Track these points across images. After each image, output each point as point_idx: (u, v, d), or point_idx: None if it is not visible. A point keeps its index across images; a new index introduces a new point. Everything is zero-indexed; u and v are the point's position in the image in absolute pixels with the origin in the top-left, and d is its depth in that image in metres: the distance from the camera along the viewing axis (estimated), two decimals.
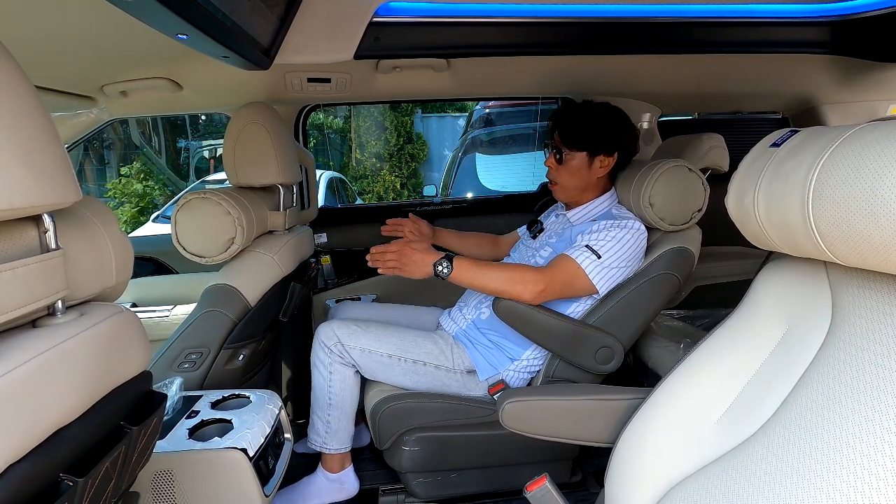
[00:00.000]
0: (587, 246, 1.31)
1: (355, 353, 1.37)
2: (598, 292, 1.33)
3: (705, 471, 0.66)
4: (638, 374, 1.71)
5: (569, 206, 1.53)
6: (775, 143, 0.66)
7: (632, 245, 1.33)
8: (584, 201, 1.49)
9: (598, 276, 1.30)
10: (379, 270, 1.30)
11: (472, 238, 1.78)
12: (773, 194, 0.62)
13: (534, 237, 1.59)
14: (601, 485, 0.83)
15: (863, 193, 0.50)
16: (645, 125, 2.00)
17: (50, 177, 0.51)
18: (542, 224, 1.61)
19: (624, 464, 0.77)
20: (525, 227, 1.71)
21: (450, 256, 1.29)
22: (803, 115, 1.98)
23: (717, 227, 1.56)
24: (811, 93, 1.84)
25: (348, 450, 1.46)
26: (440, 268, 1.28)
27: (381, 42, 1.35)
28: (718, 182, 1.56)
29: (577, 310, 1.40)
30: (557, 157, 1.45)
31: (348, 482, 1.48)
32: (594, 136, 1.41)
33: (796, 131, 0.65)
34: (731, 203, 0.71)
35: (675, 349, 1.51)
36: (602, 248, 1.31)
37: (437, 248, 1.38)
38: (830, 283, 0.64)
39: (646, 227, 1.43)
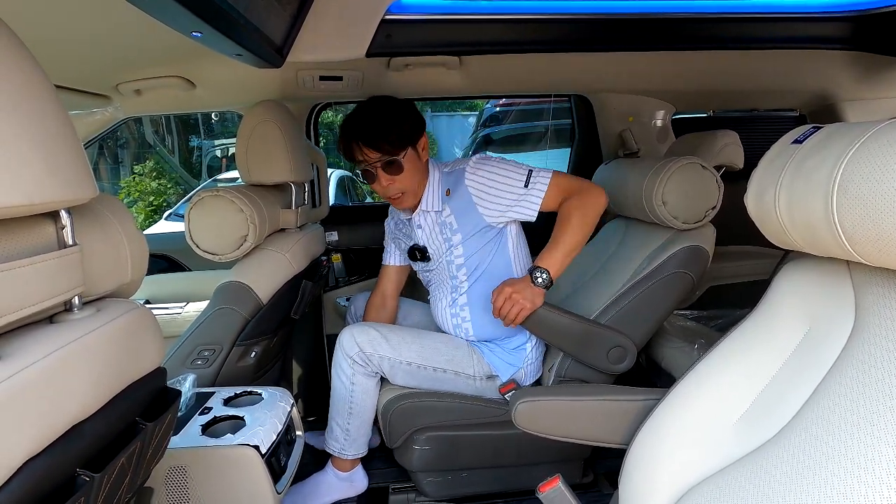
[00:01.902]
0: (525, 184, 1.34)
1: (375, 359, 1.36)
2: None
3: (723, 473, 0.65)
4: (651, 375, 1.69)
5: (413, 208, 1.46)
6: (797, 139, 0.65)
7: (498, 159, 1.40)
8: (422, 191, 1.44)
9: (546, 168, 1.37)
10: (517, 322, 1.28)
11: (370, 314, 1.63)
12: (795, 192, 0.60)
13: (427, 259, 1.49)
14: (613, 486, 0.82)
15: (891, 191, 0.49)
16: (658, 123, 1.98)
17: (67, 173, 0.51)
18: (420, 244, 1.49)
19: (639, 466, 0.76)
20: (396, 261, 1.63)
21: (536, 267, 1.29)
22: (821, 113, 1.94)
23: (732, 226, 1.54)
24: (830, 90, 1.80)
25: (364, 455, 1.47)
26: (539, 280, 1.27)
27: (393, 40, 1.35)
28: (733, 180, 1.54)
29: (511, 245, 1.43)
30: (392, 168, 1.36)
31: (358, 480, 1.48)
32: (406, 129, 1.37)
33: (819, 127, 0.63)
34: (751, 201, 0.69)
35: (688, 350, 1.49)
36: (517, 173, 1.36)
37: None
38: (853, 282, 0.62)
39: (658, 225, 1.41)
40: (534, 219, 1.36)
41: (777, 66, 1.64)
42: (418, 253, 1.50)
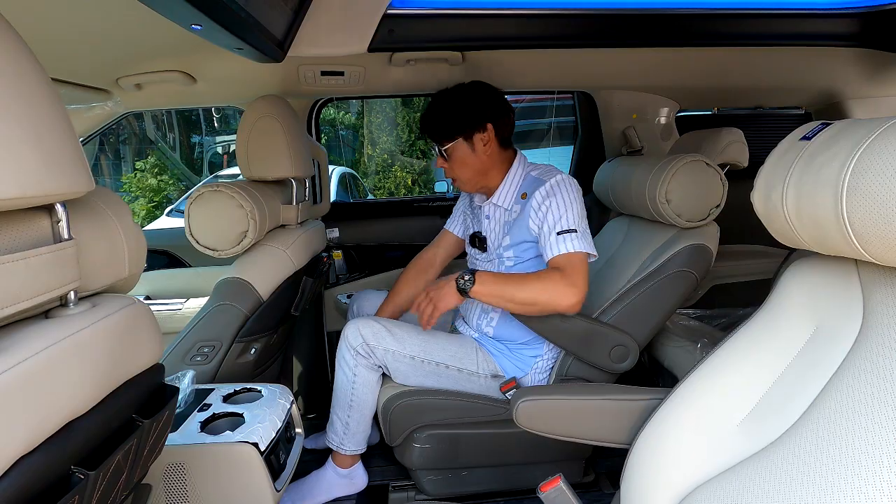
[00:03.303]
0: (559, 232, 1.28)
1: (379, 353, 1.36)
2: (596, 255, 1.31)
3: (728, 474, 0.64)
4: (653, 374, 1.68)
5: (488, 193, 1.47)
6: (806, 136, 0.63)
7: (577, 196, 1.33)
8: (495, 184, 1.43)
9: (588, 244, 1.29)
10: (426, 325, 1.30)
11: (398, 286, 1.64)
12: (803, 189, 0.59)
13: (483, 250, 1.50)
14: (615, 485, 0.81)
15: None
16: (662, 120, 1.96)
17: (63, 166, 0.50)
18: (482, 234, 1.51)
19: (641, 465, 0.75)
20: (458, 232, 1.65)
21: (472, 271, 1.28)
22: (828, 111, 1.92)
23: (736, 225, 1.53)
24: (837, 87, 1.78)
25: (363, 451, 1.46)
26: (462, 282, 1.26)
27: (396, 34, 1.34)
28: (737, 178, 1.53)
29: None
30: (443, 156, 1.42)
31: (357, 477, 1.48)
32: (458, 120, 1.37)
33: (828, 124, 0.62)
34: (758, 198, 0.68)
35: (691, 349, 1.48)
36: (568, 221, 1.28)
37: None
38: (862, 282, 0.61)
39: (662, 223, 1.40)
40: (545, 265, 1.32)
41: (782, 63, 1.63)
42: (478, 241, 1.52)
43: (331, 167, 4.09)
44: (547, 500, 0.81)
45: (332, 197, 3.57)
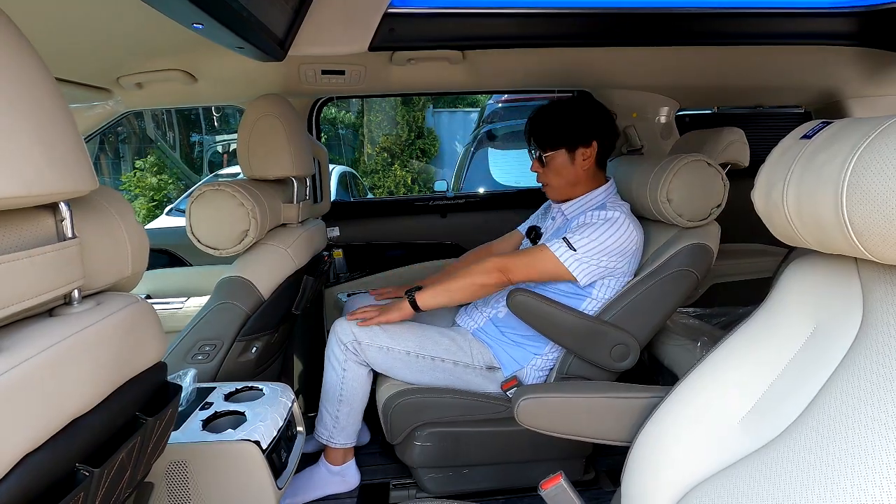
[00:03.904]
0: (564, 238, 1.34)
1: (372, 350, 1.37)
2: (576, 280, 1.34)
3: (727, 472, 0.64)
4: (653, 373, 1.69)
5: (564, 203, 1.53)
6: (806, 134, 0.64)
7: (612, 238, 1.33)
8: (577, 195, 1.48)
9: (574, 265, 1.32)
10: (360, 325, 1.39)
11: (454, 268, 1.75)
12: (804, 188, 0.59)
13: (534, 243, 1.58)
14: (615, 483, 0.82)
15: None
16: (663, 119, 1.96)
17: (67, 165, 0.51)
18: (539, 230, 1.61)
19: (642, 463, 0.75)
20: (524, 231, 1.72)
21: (418, 286, 1.39)
22: (827, 110, 1.93)
23: (736, 224, 1.53)
24: (837, 86, 1.79)
25: (353, 445, 1.47)
26: (409, 294, 1.38)
27: (396, 33, 1.34)
28: (738, 177, 1.53)
29: (590, 305, 1.38)
30: (540, 159, 1.47)
31: (350, 475, 1.49)
32: (566, 132, 1.43)
33: (829, 123, 0.62)
34: (758, 197, 0.68)
35: (692, 347, 1.48)
36: (577, 241, 1.32)
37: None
38: (862, 280, 0.62)
39: (663, 222, 1.40)
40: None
41: (782, 62, 1.63)
42: (533, 234, 1.62)
43: (331, 166, 4.10)
44: (548, 497, 0.81)
45: (333, 196, 3.58)
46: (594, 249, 1.32)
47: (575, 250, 1.32)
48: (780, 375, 0.67)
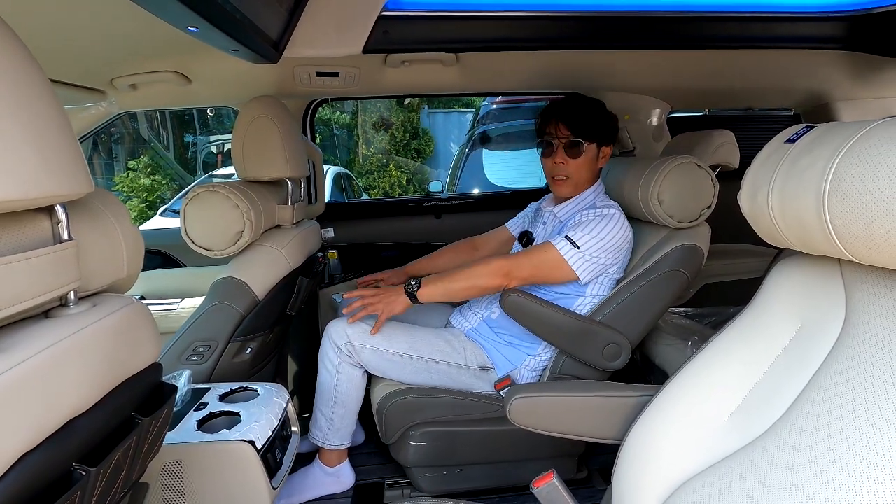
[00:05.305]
0: (566, 236, 1.35)
1: (366, 352, 1.37)
2: (579, 278, 1.35)
3: (715, 469, 0.65)
4: (645, 372, 1.70)
5: (558, 201, 1.54)
6: (790, 138, 0.65)
7: (611, 233, 1.35)
8: (577, 194, 1.51)
9: (578, 262, 1.33)
10: (351, 317, 1.38)
11: (445, 254, 1.79)
12: (787, 191, 0.61)
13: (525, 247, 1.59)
14: (607, 481, 0.83)
15: (880, 191, 0.49)
16: (654, 121, 1.98)
17: (63, 168, 0.51)
18: (531, 235, 1.61)
19: (632, 461, 0.77)
20: (516, 234, 1.72)
21: (420, 277, 1.37)
22: (816, 112, 1.95)
23: (726, 225, 1.55)
24: (825, 89, 1.81)
25: (348, 446, 1.47)
26: (409, 287, 1.36)
27: (390, 36, 1.34)
28: (728, 179, 1.55)
29: (583, 304, 1.40)
30: (572, 150, 1.46)
31: (344, 475, 1.49)
32: (602, 127, 1.46)
33: (812, 127, 0.64)
34: (745, 199, 0.70)
35: (682, 347, 1.50)
36: (580, 239, 1.34)
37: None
38: (844, 280, 0.63)
39: (654, 223, 1.42)
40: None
41: (772, 66, 1.65)
42: (525, 239, 1.62)
43: (326, 167, 4.09)
44: (540, 495, 0.82)
45: (328, 197, 3.57)
46: (595, 246, 1.34)
47: (578, 248, 1.33)
48: (767, 374, 0.68)
